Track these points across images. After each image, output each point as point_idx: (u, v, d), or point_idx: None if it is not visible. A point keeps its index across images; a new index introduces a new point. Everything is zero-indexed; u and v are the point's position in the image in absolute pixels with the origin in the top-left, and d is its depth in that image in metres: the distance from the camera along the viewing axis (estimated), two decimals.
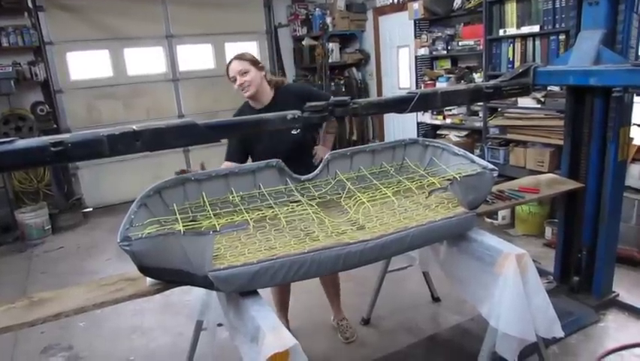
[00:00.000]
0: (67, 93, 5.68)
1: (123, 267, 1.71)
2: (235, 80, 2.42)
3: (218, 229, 1.67)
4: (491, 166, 1.95)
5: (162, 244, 1.48)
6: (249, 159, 2.51)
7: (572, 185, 2.77)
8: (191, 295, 2.35)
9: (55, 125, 5.23)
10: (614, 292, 2.91)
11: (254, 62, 2.45)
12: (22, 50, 5.18)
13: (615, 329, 2.69)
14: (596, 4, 2.55)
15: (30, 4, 5.10)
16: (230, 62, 2.46)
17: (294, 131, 2.45)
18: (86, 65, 5.77)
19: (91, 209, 5.86)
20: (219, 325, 2.19)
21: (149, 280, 1.67)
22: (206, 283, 1.56)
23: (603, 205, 2.71)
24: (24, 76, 5.12)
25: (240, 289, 1.58)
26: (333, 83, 6.43)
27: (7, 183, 4.99)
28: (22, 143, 1.58)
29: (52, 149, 1.57)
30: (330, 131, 2.72)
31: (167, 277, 1.60)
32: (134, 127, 1.68)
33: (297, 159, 2.31)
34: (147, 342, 2.99)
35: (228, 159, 2.50)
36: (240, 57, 2.46)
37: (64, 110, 5.67)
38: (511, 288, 1.77)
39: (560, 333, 1.88)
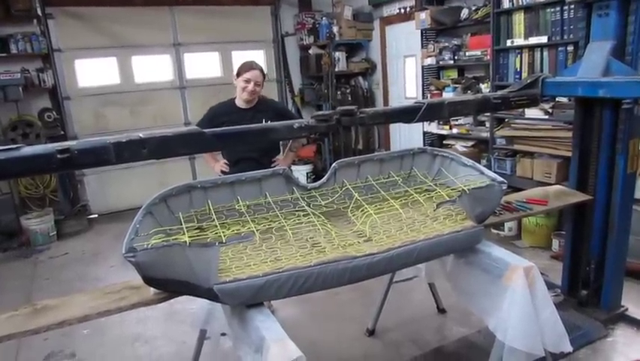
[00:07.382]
0: (74, 100, 5.72)
1: (127, 274, 1.69)
2: (248, 82, 2.82)
3: (224, 241, 1.66)
4: (500, 179, 1.93)
5: (167, 256, 1.47)
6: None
7: (580, 197, 2.74)
8: (196, 304, 2.33)
9: (62, 132, 5.25)
10: (622, 306, 2.86)
11: (264, 77, 2.94)
12: (31, 57, 5.21)
13: (624, 343, 2.65)
14: (606, 16, 2.54)
15: (39, 12, 5.14)
16: (253, 67, 2.86)
17: None
18: (93, 72, 5.81)
19: (96, 215, 5.87)
20: (223, 334, 2.16)
21: (153, 288, 1.65)
22: (210, 295, 1.54)
23: (612, 218, 2.68)
24: (32, 82, 5.14)
25: (245, 303, 1.57)
26: (339, 92, 6.43)
27: (13, 189, 5.02)
28: (28, 150, 1.57)
29: (59, 156, 1.56)
30: (292, 150, 3.11)
31: (172, 288, 1.58)
32: (141, 135, 1.68)
33: (260, 158, 2.85)
34: (150, 351, 2.97)
35: None
36: (262, 70, 2.91)
37: (72, 117, 5.70)
38: (519, 301, 1.75)
39: (569, 348, 1.85)
